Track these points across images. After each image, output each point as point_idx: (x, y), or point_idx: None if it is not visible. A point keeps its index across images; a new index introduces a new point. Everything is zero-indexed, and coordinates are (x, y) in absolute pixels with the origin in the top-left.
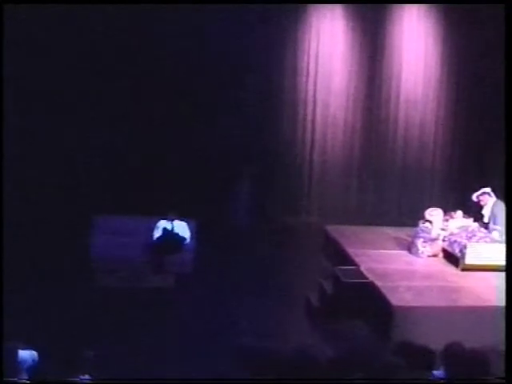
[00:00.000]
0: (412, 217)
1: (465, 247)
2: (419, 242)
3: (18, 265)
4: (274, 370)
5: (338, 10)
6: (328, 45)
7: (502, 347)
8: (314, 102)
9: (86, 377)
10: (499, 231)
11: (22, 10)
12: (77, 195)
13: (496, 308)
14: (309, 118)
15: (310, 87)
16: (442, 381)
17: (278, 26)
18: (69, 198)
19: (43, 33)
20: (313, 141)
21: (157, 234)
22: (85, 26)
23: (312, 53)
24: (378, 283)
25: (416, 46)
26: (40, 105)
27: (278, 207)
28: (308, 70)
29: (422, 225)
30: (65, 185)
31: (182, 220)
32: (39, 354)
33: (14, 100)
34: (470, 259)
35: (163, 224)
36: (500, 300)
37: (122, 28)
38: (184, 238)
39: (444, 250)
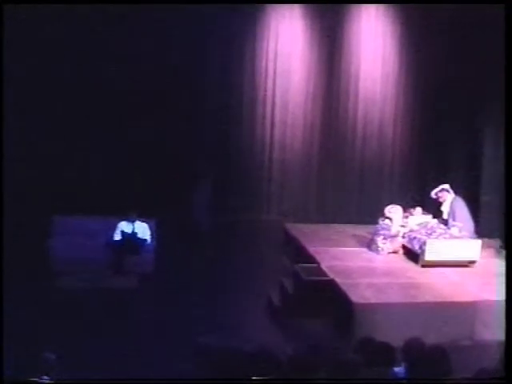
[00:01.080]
0: (372, 214)
1: (424, 244)
2: (379, 239)
3: None
4: (235, 369)
5: (296, 10)
6: (287, 44)
7: (464, 342)
8: (273, 101)
9: (45, 377)
10: (458, 227)
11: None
12: (37, 196)
13: (456, 303)
14: (268, 117)
15: (269, 86)
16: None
17: (237, 25)
18: (29, 199)
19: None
20: (272, 140)
21: (117, 234)
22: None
23: (271, 52)
24: (339, 281)
25: (374, 44)
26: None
27: (238, 206)
28: (267, 69)
29: (381, 222)
30: (24, 185)
31: (142, 221)
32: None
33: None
34: (429, 255)
35: (124, 225)
36: (461, 295)
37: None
38: (145, 239)
39: (404, 247)
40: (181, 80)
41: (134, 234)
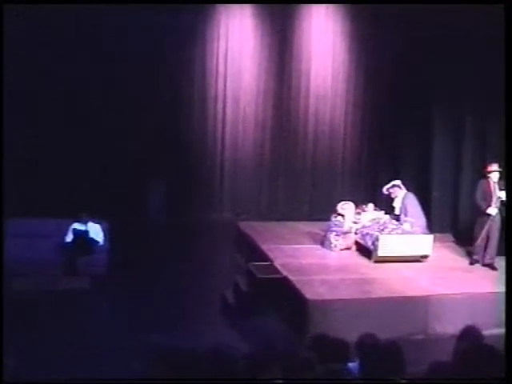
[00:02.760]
0: (324, 211)
1: (377, 239)
2: (332, 236)
3: None
4: (189, 369)
5: (247, 9)
6: (238, 43)
7: (418, 336)
8: (224, 99)
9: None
10: (410, 223)
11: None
12: None
13: (409, 298)
14: (219, 115)
15: (220, 85)
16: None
17: (187, 24)
18: None
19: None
20: (223, 138)
21: (70, 236)
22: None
23: (221, 51)
24: (293, 278)
25: (325, 42)
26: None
27: (191, 205)
28: (218, 67)
29: (334, 219)
30: None
31: (95, 222)
32: None
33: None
34: (382, 251)
35: (77, 226)
36: (414, 290)
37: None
38: (97, 240)
39: (356, 243)
40: (132, 79)
41: (86, 235)
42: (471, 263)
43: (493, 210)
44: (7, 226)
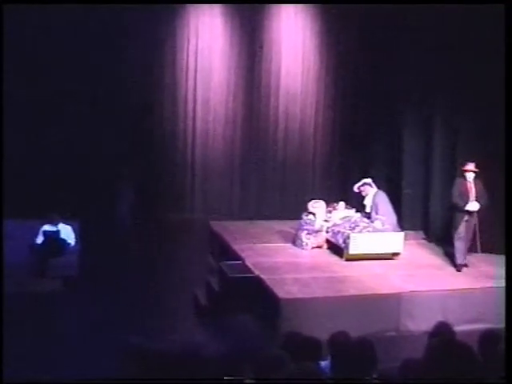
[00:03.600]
0: (295, 209)
1: (348, 237)
2: (303, 235)
3: None
4: (160, 369)
5: (216, 9)
6: (207, 42)
7: (390, 333)
8: (195, 98)
9: None
10: (381, 220)
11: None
12: None
13: (381, 296)
14: (190, 114)
15: (190, 84)
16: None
17: (157, 24)
18: None
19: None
20: (194, 137)
21: (41, 238)
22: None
23: (192, 50)
24: (264, 277)
25: (294, 41)
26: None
27: (162, 205)
28: (188, 67)
29: (305, 217)
30: None
31: (66, 223)
32: None
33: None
34: (353, 249)
35: (47, 228)
36: (386, 287)
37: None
38: (69, 242)
39: (328, 241)
40: (101, 79)
41: (57, 236)
42: (458, 270)
43: (473, 206)
44: None
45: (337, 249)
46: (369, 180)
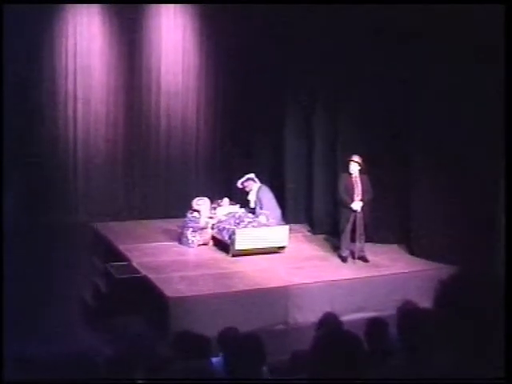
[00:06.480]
0: (180, 208)
1: (233, 233)
2: (188, 232)
3: None
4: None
5: (94, 8)
6: (86, 41)
7: (279, 327)
8: (75, 98)
9: None
10: (265, 215)
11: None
12: None
13: (268, 289)
14: (70, 114)
15: (70, 84)
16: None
17: (35, 23)
18: None
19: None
20: (75, 137)
21: None
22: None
23: (70, 50)
24: (151, 276)
25: (174, 38)
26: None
27: (45, 207)
28: (67, 67)
29: (189, 215)
30: None
31: None
32: None
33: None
34: (239, 245)
35: None
36: (273, 281)
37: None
38: None
39: (214, 238)
40: (8, 79)
41: None
42: (343, 261)
43: (357, 205)
44: None
45: (223, 245)
46: (252, 175)
